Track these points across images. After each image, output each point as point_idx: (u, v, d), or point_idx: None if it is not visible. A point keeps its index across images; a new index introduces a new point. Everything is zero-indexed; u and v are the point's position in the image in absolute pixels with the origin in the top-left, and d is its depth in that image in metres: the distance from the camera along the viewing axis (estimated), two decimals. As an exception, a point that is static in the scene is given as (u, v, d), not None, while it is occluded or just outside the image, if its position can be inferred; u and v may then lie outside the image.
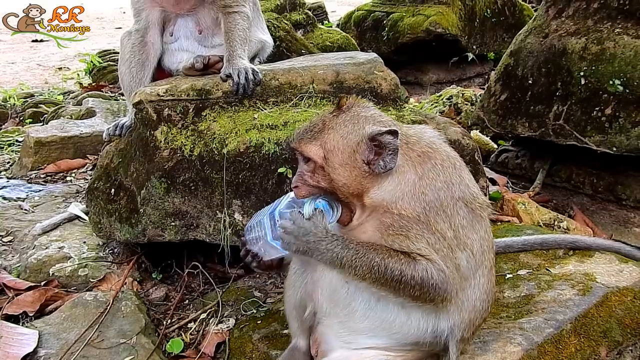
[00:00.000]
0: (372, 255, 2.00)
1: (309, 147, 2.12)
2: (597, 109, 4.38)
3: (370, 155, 2.05)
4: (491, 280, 2.18)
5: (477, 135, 5.76)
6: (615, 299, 2.77)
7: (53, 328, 3.07)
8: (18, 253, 3.94)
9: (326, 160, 2.09)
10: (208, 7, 3.66)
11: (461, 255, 2.05)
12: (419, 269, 1.98)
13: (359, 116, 2.12)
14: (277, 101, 3.43)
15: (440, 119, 3.59)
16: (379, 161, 2.04)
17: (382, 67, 3.66)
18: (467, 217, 2.08)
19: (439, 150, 2.15)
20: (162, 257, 3.77)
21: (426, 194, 2.04)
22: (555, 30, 4.79)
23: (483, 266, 2.12)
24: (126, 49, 3.77)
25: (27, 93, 8.75)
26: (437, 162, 2.10)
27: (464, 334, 2.14)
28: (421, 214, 2.02)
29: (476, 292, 2.12)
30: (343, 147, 2.07)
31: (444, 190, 2.06)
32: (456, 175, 2.12)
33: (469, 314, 2.12)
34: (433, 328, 2.12)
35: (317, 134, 2.12)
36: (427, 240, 2.01)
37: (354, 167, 2.07)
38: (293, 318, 2.54)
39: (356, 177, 2.07)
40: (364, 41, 9.14)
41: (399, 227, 2.02)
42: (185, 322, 3.32)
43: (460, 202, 2.08)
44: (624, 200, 4.60)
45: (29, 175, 5.41)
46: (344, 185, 2.09)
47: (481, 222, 2.13)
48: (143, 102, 3.32)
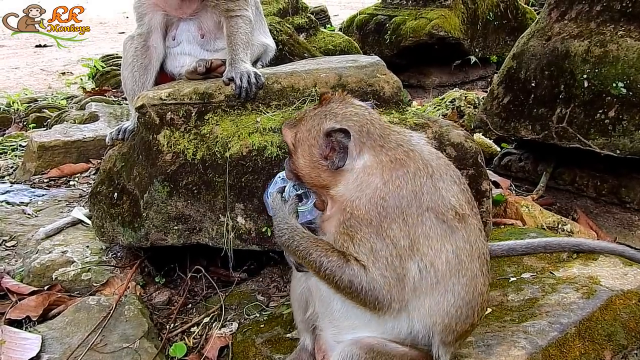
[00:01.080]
0: (311, 250, 2.09)
1: (286, 132, 2.28)
2: (601, 111, 4.37)
3: (327, 150, 2.13)
4: (475, 288, 2.13)
5: (480, 138, 5.76)
6: (619, 303, 2.77)
7: (56, 333, 3.07)
8: (21, 257, 3.93)
9: (294, 149, 2.22)
10: (210, 11, 3.67)
11: (412, 266, 2.03)
12: (348, 272, 2.01)
13: (329, 112, 2.18)
14: (280, 104, 3.42)
15: (443, 122, 3.58)
16: (332, 158, 2.11)
17: (385, 70, 3.66)
18: (434, 228, 2.05)
19: (416, 159, 2.13)
20: (165, 261, 3.77)
21: (386, 200, 2.03)
22: (558, 33, 4.79)
23: (459, 275, 2.09)
24: (129, 53, 3.77)
25: (30, 98, 8.77)
26: (409, 169, 2.08)
27: (443, 338, 2.13)
28: (374, 218, 2.02)
29: (450, 299, 2.08)
30: (305, 139, 2.18)
31: (409, 199, 2.04)
32: (429, 185, 2.08)
33: (442, 319, 2.10)
34: (408, 329, 2.13)
35: (295, 122, 2.26)
36: (372, 246, 2.01)
37: (312, 160, 2.17)
38: (297, 310, 2.59)
39: (315, 169, 2.17)
40: (366, 44, 9.15)
41: (349, 226, 2.05)
42: (188, 326, 3.31)
43: (429, 213, 2.05)
44: (628, 203, 4.59)
45: (33, 179, 5.41)
46: (307, 175, 2.21)
47: (457, 232, 2.08)
48: (146, 106, 3.32)
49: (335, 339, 2.29)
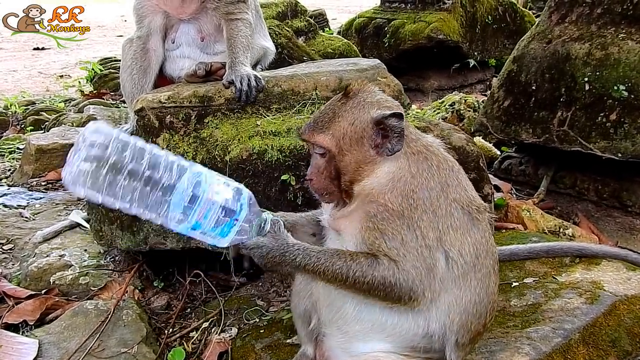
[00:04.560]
0: (334, 260, 2.03)
1: (321, 137, 2.14)
2: (602, 114, 4.35)
3: (377, 139, 2.09)
4: (488, 285, 2.14)
5: (480, 141, 5.73)
6: (623, 308, 2.74)
7: (53, 337, 3.04)
8: (18, 261, 3.91)
9: (339, 149, 2.12)
10: (210, 13, 3.65)
11: (440, 257, 2.03)
12: (380, 269, 1.99)
13: (365, 102, 2.14)
14: (280, 108, 3.41)
15: (444, 125, 3.56)
16: (386, 144, 2.07)
17: (386, 73, 3.65)
18: (461, 220, 2.07)
19: (436, 152, 2.16)
20: (163, 265, 3.73)
21: (416, 192, 2.04)
22: (559, 36, 4.77)
23: (475, 270, 2.09)
24: (128, 56, 3.75)
25: (28, 101, 8.75)
26: (433, 162, 2.11)
27: (458, 338, 2.11)
28: (406, 209, 2.02)
29: (467, 295, 2.09)
30: (352, 134, 2.10)
31: (438, 190, 2.06)
32: (453, 178, 2.12)
33: (460, 317, 2.09)
34: (424, 329, 2.10)
35: (328, 122, 2.15)
36: (403, 238, 2.00)
37: (361, 152, 2.11)
38: (300, 326, 2.55)
39: (361, 162, 2.11)
40: (365, 48, 9.15)
41: (380, 219, 2.02)
42: (187, 331, 3.28)
43: (455, 204, 2.07)
44: (630, 206, 4.57)
45: (30, 182, 5.39)
46: (351, 171, 2.12)
47: (478, 225, 2.11)
48: (145, 109, 3.30)
49: (342, 346, 2.25)
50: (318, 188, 2.20)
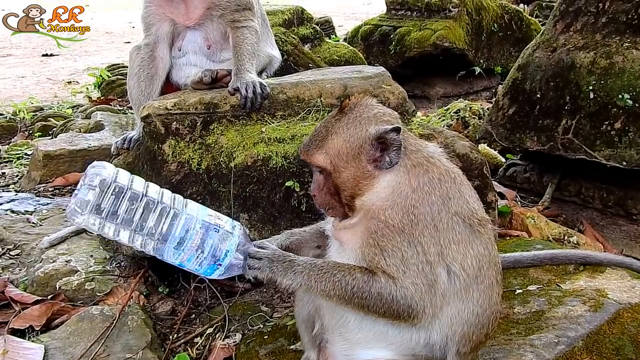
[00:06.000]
0: (329, 275, 2.04)
1: (316, 156, 2.14)
2: (607, 123, 4.36)
3: (376, 153, 2.07)
4: (491, 296, 2.13)
5: (484, 149, 5.74)
6: (627, 316, 2.73)
7: (59, 342, 3.05)
8: (25, 266, 3.93)
9: (335, 166, 2.11)
10: (217, 21, 3.69)
11: (442, 272, 2.02)
12: (376, 285, 1.98)
13: (362, 117, 2.12)
14: (285, 115, 3.43)
15: (449, 133, 3.57)
16: (384, 157, 2.06)
17: (390, 80, 3.67)
18: (463, 233, 2.05)
19: (437, 164, 2.13)
20: (168, 271, 3.75)
21: (417, 207, 2.02)
22: (564, 45, 4.79)
23: (478, 282, 2.08)
24: (135, 63, 3.79)
25: (36, 107, 8.81)
26: (434, 175, 2.08)
27: (460, 348, 2.11)
28: (407, 225, 2.00)
29: (470, 307, 2.08)
30: (347, 150, 2.09)
31: (439, 204, 2.04)
32: (455, 190, 2.09)
33: (462, 328, 2.09)
34: (426, 340, 2.10)
35: (322, 141, 2.14)
36: (403, 254, 1.99)
37: (359, 168, 2.09)
38: (303, 332, 2.54)
39: (359, 177, 2.10)
40: (371, 55, 9.19)
41: (380, 236, 2.01)
42: (191, 337, 3.29)
43: (456, 217, 2.05)
44: (634, 214, 4.56)
45: (38, 188, 5.42)
46: (349, 187, 2.11)
47: (480, 237, 2.10)
48: (151, 115, 3.33)
49: (345, 352, 2.25)
50: (321, 203, 2.21)
